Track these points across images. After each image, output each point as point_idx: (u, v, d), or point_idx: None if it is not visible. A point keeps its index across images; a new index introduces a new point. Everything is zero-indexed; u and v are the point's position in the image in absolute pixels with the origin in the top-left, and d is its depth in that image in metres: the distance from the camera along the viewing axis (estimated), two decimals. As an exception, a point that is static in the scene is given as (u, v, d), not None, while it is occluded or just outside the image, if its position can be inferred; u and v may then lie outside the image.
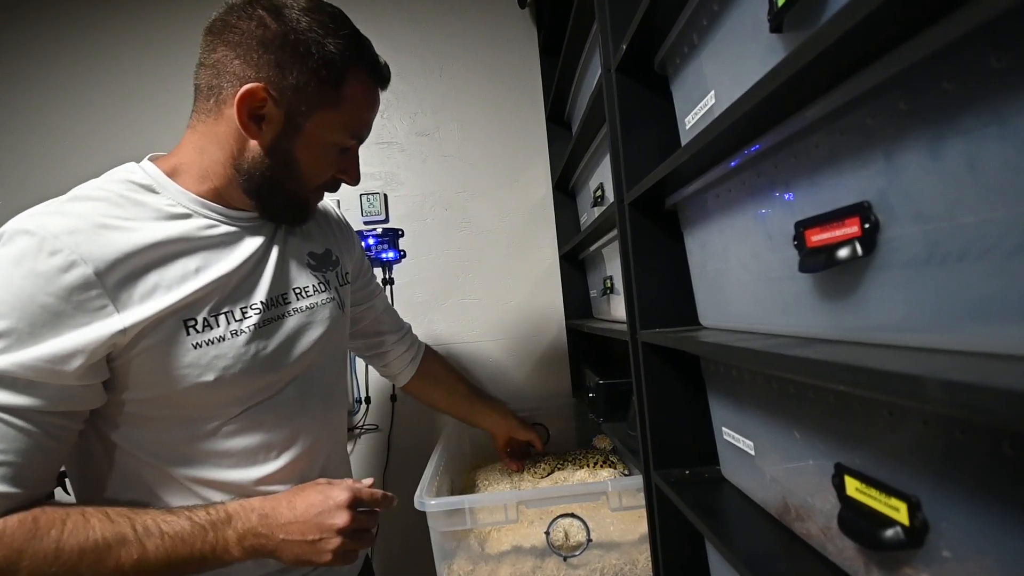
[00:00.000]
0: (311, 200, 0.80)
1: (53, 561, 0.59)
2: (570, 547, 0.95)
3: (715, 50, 0.63)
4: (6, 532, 0.58)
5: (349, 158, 0.79)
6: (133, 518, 0.63)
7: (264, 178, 0.72)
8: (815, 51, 0.38)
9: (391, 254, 1.56)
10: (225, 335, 0.70)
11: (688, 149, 0.63)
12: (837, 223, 0.45)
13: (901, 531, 0.41)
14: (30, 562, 0.58)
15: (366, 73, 0.74)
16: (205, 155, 0.72)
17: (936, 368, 0.32)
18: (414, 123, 1.75)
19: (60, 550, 0.59)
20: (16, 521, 0.59)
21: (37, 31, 1.71)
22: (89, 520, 0.61)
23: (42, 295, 0.59)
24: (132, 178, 0.70)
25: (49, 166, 1.69)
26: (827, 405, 0.51)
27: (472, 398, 1.23)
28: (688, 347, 0.68)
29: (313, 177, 0.76)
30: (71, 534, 0.60)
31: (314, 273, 0.84)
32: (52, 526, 0.60)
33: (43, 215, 0.62)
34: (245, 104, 0.67)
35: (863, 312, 0.45)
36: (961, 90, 0.33)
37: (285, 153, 0.71)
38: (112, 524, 0.62)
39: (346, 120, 0.73)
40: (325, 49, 0.68)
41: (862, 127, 0.42)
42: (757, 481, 0.68)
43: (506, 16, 1.75)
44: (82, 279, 0.60)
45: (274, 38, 0.66)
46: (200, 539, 0.64)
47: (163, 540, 0.63)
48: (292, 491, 0.73)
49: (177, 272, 0.67)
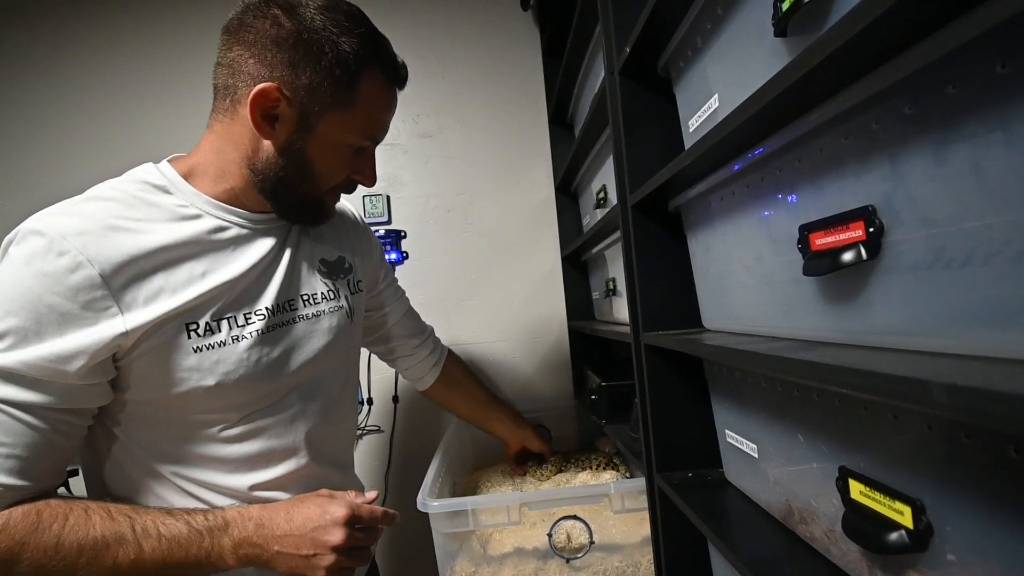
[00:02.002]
0: (326, 201, 0.79)
1: (53, 555, 0.59)
2: (572, 549, 0.95)
3: (719, 54, 0.64)
4: (9, 523, 0.59)
5: (365, 159, 0.78)
6: (133, 518, 0.64)
7: (278, 179, 0.71)
8: (821, 55, 0.38)
9: (394, 256, 1.56)
10: (227, 340, 0.70)
11: (692, 152, 0.63)
12: (841, 227, 0.45)
13: (905, 534, 0.41)
14: (31, 554, 0.59)
15: (381, 73, 0.72)
16: (222, 155, 0.72)
17: (941, 372, 0.33)
18: (417, 125, 1.75)
19: (60, 544, 0.60)
20: (20, 513, 0.60)
21: (43, 30, 1.72)
22: (91, 517, 0.62)
23: (49, 295, 0.60)
24: (147, 179, 0.70)
25: (69, 165, 1.69)
26: (831, 408, 0.51)
27: (491, 406, 1.23)
28: (692, 350, 0.68)
29: (327, 178, 0.75)
30: (72, 530, 0.61)
31: (324, 280, 0.83)
32: (54, 520, 0.60)
33: (55, 215, 0.63)
34: (258, 104, 0.67)
35: (867, 315, 0.45)
36: (966, 96, 0.34)
37: (299, 154, 0.71)
38: (112, 522, 0.63)
39: (360, 121, 0.72)
40: (339, 48, 0.67)
41: (867, 131, 0.42)
42: (760, 484, 0.68)
43: (509, 18, 1.76)
44: (88, 280, 0.61)
45: (288, 37, 0.66)
46: (196, 544, 0.65)
47: (160, 543, 0.63)
48: (291, 501, 0.72)
49: (183, 275, 0.67)
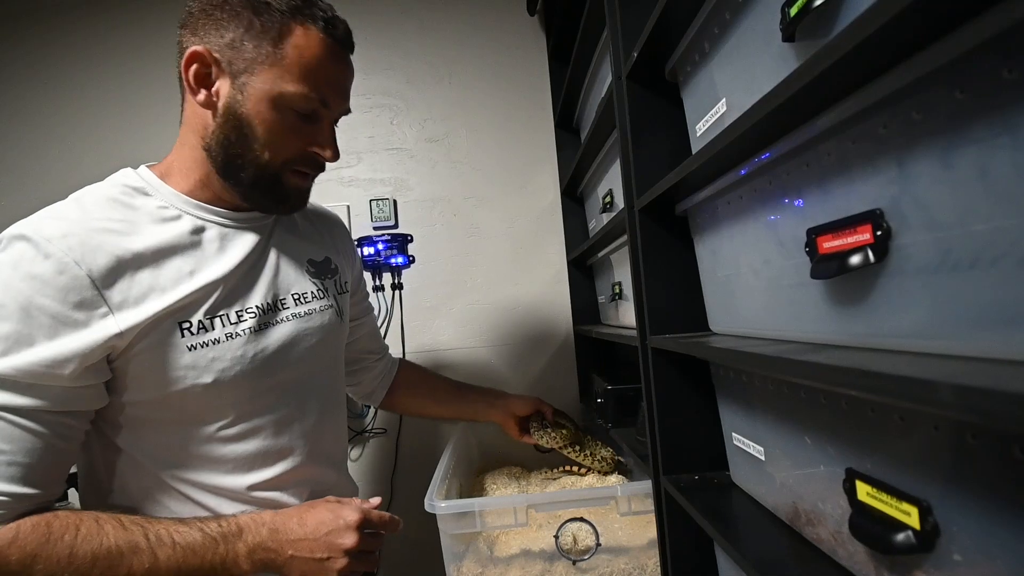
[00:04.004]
0: (284, 177, 0.74)
1: (66, 566, 0.59)
2: (579, 551, 0.95)
3: (727, 58, 0.64)
4: (19, 536, 0.59)
5: (321, 130, 0.74)
6: (146, 527, 0.64)
7: (225, 152, 0.70)
8: (831, 60, 0.38)
9: (400, 259, 1.57)
10: (220, 337, 0.70)
11: (700, 156, 0.64)
12: (849, 230, 0.45)
13: (912, 535, 0.41)
14: (44, 566, 0.59)
15: (315, 27, 0.69)
16: (186, 145, 0.73)
17: (948, 373, 0.33)
18: (423, 129, 1.76)
19: (74, 555, 0.60)
20: (30, 525, 0.60)
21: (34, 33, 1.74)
22: (103, 527, 0.62)
23: (39, 297, 0.60)
24: (126, 181, 0.71)
25: (60, 169, 1.72)
26: (838, 411, 0.51)
27: (461, 391, 1.16)
28: (700, 353, 0.68)
29: (275, 146, 0.70)
30: (85, 540, 0.61)
31: (313, 280, 0.84)
32: (65, 531, 0.60)
33: (39, 220, 0.63)
34: (190, 70, 0.67)
35: (874, 318, 0.45)
36: (973, 100, 0.34)
37: (237, 118, 0.69)
38: (125, 531, 0.63)
39: (295, 77, 0.68)
40: (259, 1, 0.67)
41: (875, 135, 0.43)
42: (767, 486, 0.68)
43: (515, 23, 1.77)
44: (76, 281, 0.61)
45: (213, 2, 0.67)
46: (211, 551, 0.65)
47: (174, 550, 0.63)
48: (303, 507, 0.73)
49: (171, 274, 0.68)
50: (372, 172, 1.76)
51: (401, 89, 1.77)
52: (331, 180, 1.73)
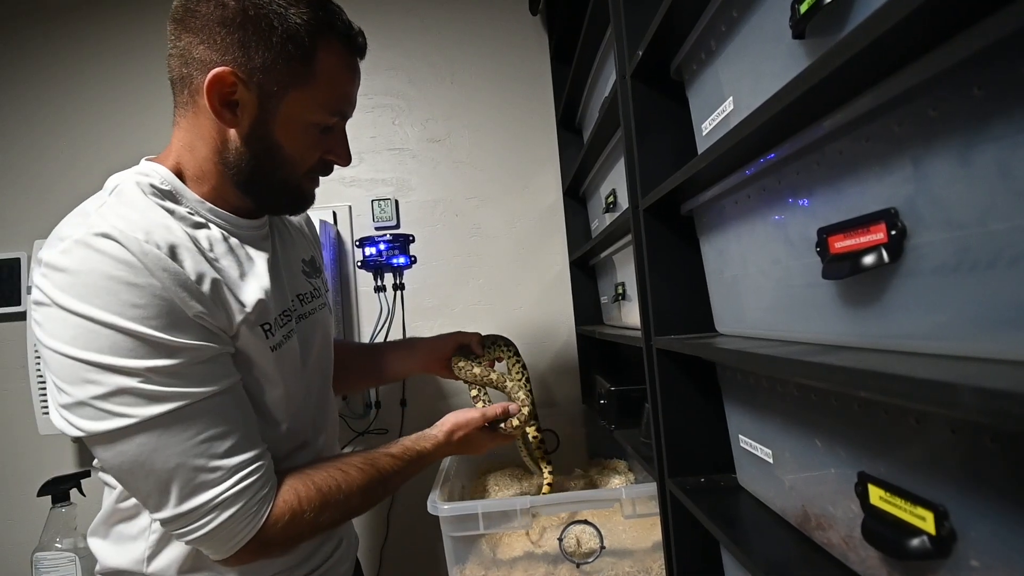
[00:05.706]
0: (303, 186, 0.75)
1: (344, 503, 0.71)
2: (583, 554, 0.94)
3: (734, 56, 0.64)
4: (300, 496, 0.67)
5: (335, 137, 0.74)
6: (368, 456, 0.76)
7: (251, 170, 0.69)
8: (843, 57, 0.38)
9: (402, 259, 1.57)
10: (281, 341, 0.72)
11: (707, 156, 0.63)
12: (862, 230, 0.44)
13: (927, 540, 0.41)
14: (329, 514, 0.69)
15: (338, 43, 0.68)
16: (195, 153, 0.69)
17: (967, 375, 0.32)
18: (425, 129, 1.76)
19: (347, 492, 0.71)
20: (296, 485, 0.68)
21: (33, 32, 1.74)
22: (347, 471, 0.72)
23: (171, 284, 0.60)
24: (152, 182, 0.66)
25: (60, 168, 1.71)
26: (850, 413, 0.50)
27: (373, 349, 1.10)
28: (709, 354, 0.67)
29: (300, 162, 0.71)
30: (346, 479, 0.71)
31: (309, 280, 0.85)
32: (325, 481, 0.70)
33: (105, 219, 0.59)
34: (215, 91, 0.63)
35: (888, 319, 0.45)
36: (992, 97, 0.33)
37: (265, 139, 0.68)
38: (361, 462, 0.74)
39: (324, 96, 0.68)
40: (289, 21, 0.63)
41: (889, 133, 0.42)
42: (775, 489, 0.67)
43: (517, 22, 1.76)
44: (180, 275, 0.61)
45: (234, 16, 0.62)
46: (422, 440, 0.82)
47: (402, 448, 0.80)
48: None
49: (233, 276, 0.68)
50: (374, 172, 1.75)
51: (403, 89, 1.76)
52: (333, 180, 1.72)
